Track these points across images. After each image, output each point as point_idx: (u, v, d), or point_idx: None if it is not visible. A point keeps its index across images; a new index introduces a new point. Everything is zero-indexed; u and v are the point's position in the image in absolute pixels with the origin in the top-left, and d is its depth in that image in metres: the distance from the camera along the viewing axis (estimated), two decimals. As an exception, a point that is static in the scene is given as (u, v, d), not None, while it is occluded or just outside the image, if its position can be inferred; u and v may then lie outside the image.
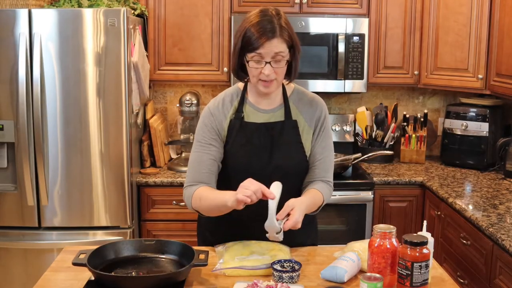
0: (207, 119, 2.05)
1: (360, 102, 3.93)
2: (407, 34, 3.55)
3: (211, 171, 2.01)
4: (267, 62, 1.90)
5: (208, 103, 2.10)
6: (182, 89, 3.81)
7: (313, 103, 2.09)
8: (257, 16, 1.92)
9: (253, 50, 1.89)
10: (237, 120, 2.03)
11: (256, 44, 1.88)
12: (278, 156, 2.01)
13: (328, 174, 2.09)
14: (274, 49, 1.89)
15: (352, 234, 3.23)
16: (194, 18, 3.47)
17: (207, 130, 2.04)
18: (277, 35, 1.88)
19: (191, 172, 2.04)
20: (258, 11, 1.95)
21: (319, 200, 2.02)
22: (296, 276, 1.79)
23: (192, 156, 2.06)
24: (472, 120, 3.52)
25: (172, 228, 3.27)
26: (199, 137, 2.05)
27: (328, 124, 2.11)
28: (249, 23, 1.91)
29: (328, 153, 2.09)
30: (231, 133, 2.02)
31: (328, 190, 2.08)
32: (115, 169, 3.02)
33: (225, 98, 2.08)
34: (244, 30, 1.91)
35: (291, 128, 2.04)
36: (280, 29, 1.89)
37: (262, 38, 1.87)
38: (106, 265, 1.82)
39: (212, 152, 2.02)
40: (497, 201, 2.83)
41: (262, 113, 2.05)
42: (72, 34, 2.91)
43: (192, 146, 2.07)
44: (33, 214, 3.03)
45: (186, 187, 2.04)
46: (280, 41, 1.89)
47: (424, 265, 1.67)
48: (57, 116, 2.95)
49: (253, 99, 2.06)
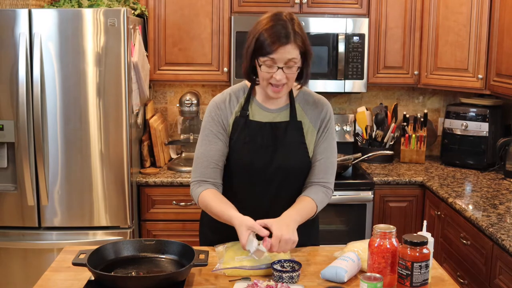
0: (213, 112, 2.05)
1: (360, 102, 3.93)
2: (407, 34, 3.56)
3: (218, 166, 2.02)
4: (279, 67, 1.89)
5: (214, 97, 2.10)
6: (182, 89, 3.81)
7: (319, 104, 2.09)
8: (271, 20, 1.90)
9: (266, 54, 1.88)
10: (242, 118, 2.02)
11: (269, 49, 1.87)
12: (281, 155, 2.01)
13: (327, 176, 2.07)
14: (287, 55, 1.88)
15: (352, 234, 3.23)
16: (194, 18, 3.47)
17: (214, 123, 2.04)
18: (291, 41, 1.87)
19: (198, 167, 2.03)
20: (272, 14, 1.93)
21: (310, 209, 1.99)
22: (296, 276, 1.80)
23: (199, 149, 2.05)
24: (472, 120, 3.52)
25: (172, 228, 3.27)
26: (206, 131, 2.04)
27: (332, 126, 2.09)
28: (263, 27, 1.89)
29: (329, 155, 2.07)
30: (235, 130, 2.02)
31: (323, 195, 2.04)
32: (115, 169, 3.02)
33: (232, 93, 2.07)
34: (257, 34, 1.90)
35: (296, 129, 2.03)
36: (294, 35, 1.88)
37: (275, 43, 1.86)
38: (106, 265, 1.83)
39: (219, 146, 2.02)
40: (497, 201, 2.83)
41: (268, 112, 2.04)
42: (72, 34, 2.91)
43: (199, 139, 2.07)
44: (33, 214, 3.03)
45: (194, 183, 2.04)
46: (293, 47, 1.88)
47: (424, 265, 1.67)
48: (57, 116, 2.95)
49: (259, 97, 2.06)
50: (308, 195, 2.02)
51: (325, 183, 2.06)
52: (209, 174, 2.02)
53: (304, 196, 2.02)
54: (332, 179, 2.09)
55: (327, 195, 2.07)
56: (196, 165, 2.05)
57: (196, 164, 2.05)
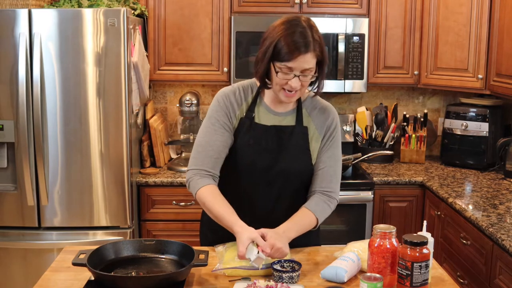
0: (222, 102, 2.00)
1: (360, 102, 3.93)
2: (407, 34, 3.56)
3: (220, 157, 1.98)
4: (296, 75, 1.87)
5: (223, 88, 2.05)
6: (182, 89, 3.81)
7: (326, 111, 2.06)
8: (289, 27, 1.86)
9: (283, 61, 1.85)
10: (248, 119, 2.00)
11: (288, 57, 1.84)
12: (283, 159, 1.99)
13: (331, 184, 2.03)
14: (305, 64, 1.85)
15: (352, 234, 3.23)
16: (194, 18, 3.47)
17: (222, 112, 1.99)
18: (310, 50, 1.84)
19: (200, 155, 1.98)
20: (290, 19, 1.89)
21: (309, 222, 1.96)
22: (296, 276, 1.79)
23: (203, 137, 1.99)
24: (472, 120, 3.52)
25: (172, 228, 3.27)
26: (213, 119, 1.99)
27: (338, 134, 2.06)
28: (281, 34, 1.85)
29: (333, 163, 2.04)
30: (240, 131, 2.00)
31: (325, 204, 2.01)
32: (115, 169, 3.02)
33: (241, 88, 2.04)
34: (276, 40, 1.86)
35: (301, 134, 2.01)
36: (313, 44, 1.85)
37: (295, 52, 1.83)
38: (106, 265, 1.82)
39: (225, 136, 1.98)
40: (497, 201, 2.83)
41: (274, 115, 2.03)
42: (72, 34, 2.91)
43: (203, 126, 2.01)
44: (33, 214, 3.03)
45: (193, 171, 1.98)
46: (312, 56, 1.86)
47: (424, 265, 1.67)
48: (57, 116, 2.95)
49: (268, 100, 2.03)
50: (308, 207, 1.98)
51: (328, 192, 2.02)
52: (210, 164, 1.97)
53: (304, 208, 1.99)
54: (336, 188, 2.05)
55: (330, 205, 2.03)
56: (198, 152, 1.99)
57: (198, 152, 1.99)
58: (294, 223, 1.93)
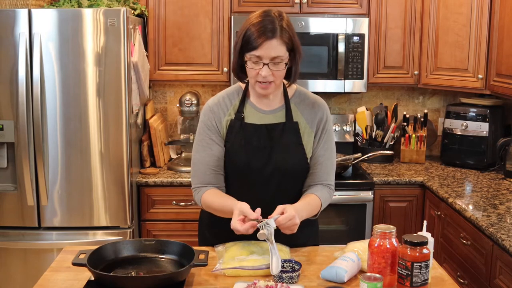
0: (206, 117, 2.06)
1: (360, 102, 3.93)
2: (407, 34, 3.55)
3: (216, 171, 2.03)
4: (265, 63, 1.89)
5: (208, 101, 2.11)
6: (182, 89, 3.81)
7: (315, 105, 2.08)
8: (259, 16, 1.92)
9: (251, 49, 1.89)
10: (237, 120, 2.02)
11: (255, 44, 1.87)
12: (278, 157, 2.00)
13: (330, 177, 2.09)
14: (272, 51, 1.88)
15: (352, 234, 3.23)
16: (194, 18, 3.47)
17: (207, 129, 2.04)
18: (276, 36, 1.87)
19: (197, 174, 2.05)
20: (261, 11, 1.95)
21: (316, 206, 2.02)
22: (296, 276, 1.79)
23: (195, 156, 2.06)
24: (472, 120, 3.52)
25: (172, 228, 3.27)
26: (200, 138, 2.06)
27: (330, 126, 2.09)
28: (251, 23, 1.91)
29: (329, 156, 2.08)
30: (231, 133, 2.02)
31: (328, 194, 2.07)
32: (115, 169, 3.02)
33: (225, 96, 2.08)
34: (245, 29, 1.92)
35: (292, 130, 2.03)
36: (280, 30, 1.88)
37: (261, 37, 1.86)
38: (106, 265, 1.82)
39: (214, 151, 2.02)
40: (497, 201, 2.83)
41: (263, 114, 2.04)
42: (72, 34, 2.91)
43: (194, 144, 2.08)
44: (33, 214, 3.03)
45: (195, 189, 2.06)
46: (279, 42, 1.88)
47: (424, 265, 1.67)
48: (57, 116, 2.95)
49: (254, 99, 2.06)
50: (314, 193, 2.03)
51: (329, 185, 2.08)
52: (208, 180, 2.03)
53: (310, 193, 2.03)
54: (333, 178, 2.12)
55: (331, 195, 2.10)
56: (195, 171, 2.06)
57: (194, 170, 2.06)
58: (307, 203, 1.97)
